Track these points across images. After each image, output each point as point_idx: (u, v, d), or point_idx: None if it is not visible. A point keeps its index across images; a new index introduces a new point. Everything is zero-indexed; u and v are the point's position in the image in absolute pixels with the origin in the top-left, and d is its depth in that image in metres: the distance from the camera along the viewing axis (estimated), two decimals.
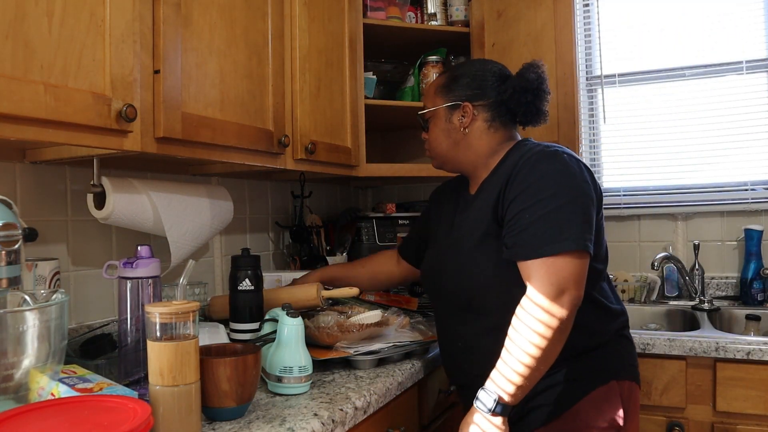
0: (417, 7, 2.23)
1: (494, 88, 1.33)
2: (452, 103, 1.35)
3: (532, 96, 1.30)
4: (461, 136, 1.35)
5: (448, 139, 1.37)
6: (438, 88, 1.39)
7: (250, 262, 1.43)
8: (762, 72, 2.19)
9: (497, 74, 1.35)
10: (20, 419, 0.77)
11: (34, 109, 0.91)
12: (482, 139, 1.34)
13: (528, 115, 1.33)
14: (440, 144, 1.38)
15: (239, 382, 1.00)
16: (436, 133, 1.38)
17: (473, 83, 1.34)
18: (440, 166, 1.42)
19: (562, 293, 1.09)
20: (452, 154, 1.37)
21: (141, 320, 1.10)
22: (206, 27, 1.28)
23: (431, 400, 1.55)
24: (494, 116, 1.33)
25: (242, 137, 1.37)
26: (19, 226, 0.94)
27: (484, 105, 1.33)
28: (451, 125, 1.36)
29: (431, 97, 1.40)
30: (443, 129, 1.37)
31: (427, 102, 1.41)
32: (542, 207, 1.13)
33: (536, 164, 1.19)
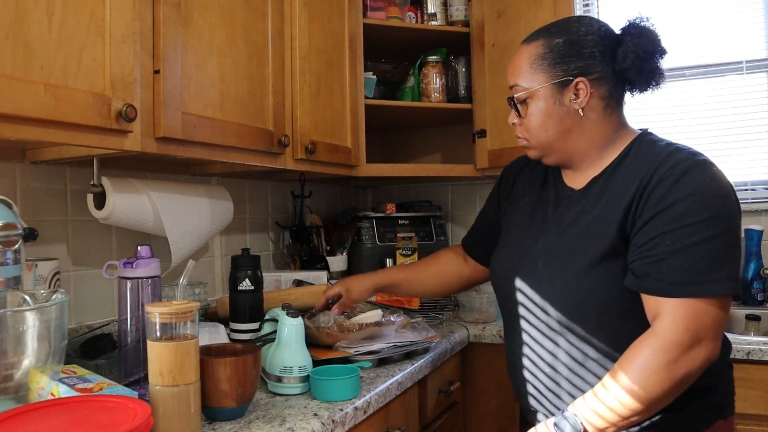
0: (417, 7, 2.23)
1: (608, 55, 1.07)
2: (562, 80, 1.08)
3: (658, 59, 1.07)
4: (575, 120, 1.09)
5: (558, 126, 1.10)
6: (535, 59, 1.10)
7: (250, 262, 1.43)
8: (762, 72, 2.19)
9: (606, 36, 1.09)
10: (20, 419, 0.77)
11: (34, 109, 0.91)
12: (599, 124, 1.09)
13: (648, 82, 1.09)
14: (546, 131, 1.11)
15: (239, 382, 1.00)
16: (541, 118, 1.10)
17: (584, 51, 1.07)
18: (541, 156, 1.16)
19: (698, 343, 0.92)
20: (561, 144, 1.11)
21: (141, 320, 1.10)
22: (206, 27, 1.28)
23: (431, 400, 1.55)
24: (611, 91, 1.09)
25: (242, 137, 1.37)
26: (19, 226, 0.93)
27: (599, 78, 1.07)
28: (562, 108, 1.09)
29: (526, 71, 1.11)
30: (551, 113, 1.09)
31: (520, 78, 1.12)
32: (691, 235, 0.93)
33: (684, 176, 0.96)
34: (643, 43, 1.05)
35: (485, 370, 1.85)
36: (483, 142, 2.12)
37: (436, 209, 2.46)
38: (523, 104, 1.13)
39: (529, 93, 1.11)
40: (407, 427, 1.38)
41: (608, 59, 1.08)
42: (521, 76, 1.12)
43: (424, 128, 2.63)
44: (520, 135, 1.17)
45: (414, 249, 2.20)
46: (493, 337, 1.81)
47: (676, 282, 0.93)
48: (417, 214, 2.33)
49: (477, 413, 1.86)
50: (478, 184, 2.51)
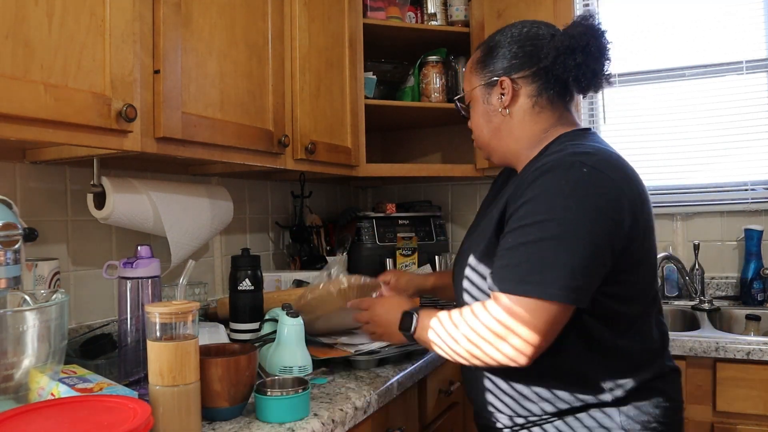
0: (417, 7, 2.23)
1: (536, 53, 1.08)
2: (489, 80, 1.12)
3: (583, 55, 1.02)
4: (502, 118, 1.11)
5: (489, 124, 1.14)
6: (473, 64, 1.16)
7: (250, 262, 1.43)
8: (762, 72, 2.19)
9: (541, 36, 1.09)
10: (20, 419, 0.77)
11: (34, 109, 0.91)
12: (525, 123, 1.10)
13: (583, 81, 1.05)
14: (481, 131, 1.16)
15: (231, 382, 1.00)
16: (476, 119, 1.16)
17: (511, 51, 1.10)
18: (488, 156, 1.20)
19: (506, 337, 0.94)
20: (496, 142, 1.14)
21: (141, 320, 1.10)
22: (206, 27, 1.28)
23: (431, 400, 1.55)
24: (540, 89, 1.08)
25: (242, 137, 1.37)
26: (19, 226, 0.93)
27: (525, 77, 1.08)
28: (490, 107, 1.12)
29: (467, 77, 1.18)
30: (482, 113, 1.14)
31: (465, 84, 1.19)
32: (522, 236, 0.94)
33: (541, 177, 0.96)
34: (565, 40, 1.03)
35: None
36: None
37: (436, 209, 2.46)
38: (466, 108, 1.20)
39: (468, 96, 1.18)
40: (407, 427, 1.38)
41: (536, 58, 1.08)
42: (465, 82, 1.20)
43: (424, 128, 2.63)
44: (473, 138, 1.21)
45: (414, 249, 2.20)
46: None
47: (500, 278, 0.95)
48: (417, 214, 2.33)
49: None
50: (478, 184, 2.51)
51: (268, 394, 1.01)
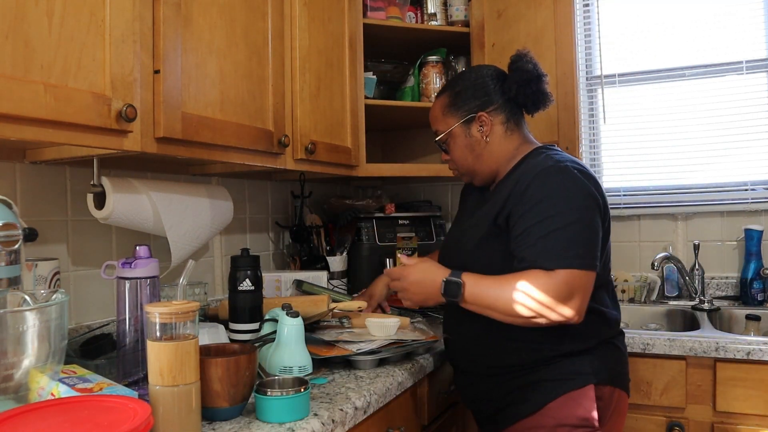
0: (417, 7, 2.23)
1: (498, 89, 1.36)
2: (466, 118, 1.36)
3: (536, 83, 1.34)
4: (483, 146, 1.36)
5: (472, 154, 1.38)
6: (444, 108, 1.39)
7: (249, 262, 1.43)
8: (762, 72, 2.19)
9: (494, 76, 1.38)
10: (20, 419, 0.77)
11: (34, 109, 0.91)
12: (501, 145, 1.36)
13: (536, 103, 1.37)
14: (466, 160, 1.39)
15: (231, 382, 1.00)
16: (460, 152, 1.39)
17: (478, 92, 1.36)
18: (471, 179, 1.44)
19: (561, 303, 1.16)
20: (480, 167, 1.39)
21: (140, 320, 1.10)
22: (206, 27, 1.28)
23: (431, 400, 1.55)
24: (508, 117, 1.37)
25: (242, 137, 1.37)
26: (19, 226, 0.93)
27: (495, 109, 1.36)
28: (472, 139, 1.37)
29: (441, 119, 1.40)
30: (465, 145, 1.38)
31: (439, 125, 1.41)
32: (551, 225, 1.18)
33: (546, 179, 1.22)
34: (522, 75, 1.34)
35: None
36: None
37: (436, 209, 2.46)
38: (445, 144, 1.41)
39: (447, 134, 1.40)
40: (407, 427, 1.38)
41: (499, 92, 1.36)
42: (438, 123, 1.42)
43: (424, 128, 2.62)
44: (450, 167, 1.45)
45: (414, 249, 2.20)
46: None
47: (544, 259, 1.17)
48: (417, 214, 2.33)
49: None
50: None
51: (268, 394, 1.01)
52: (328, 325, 1.55)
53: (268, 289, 1.80)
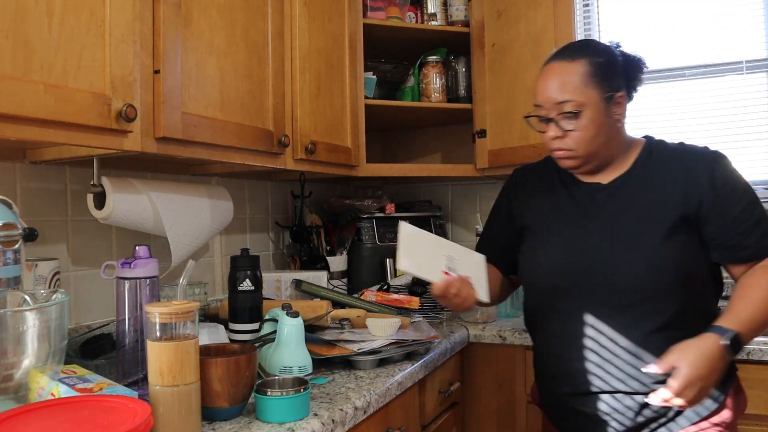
0: (417, 7, 2.23)
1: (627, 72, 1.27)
2: (608, 95, 1.21)
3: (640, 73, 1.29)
4: (615, 129, 1.24)
5: (606, 135, 1.22)
6: (587, 76, 1.21)
7: (249, 262, 1.43)
8: (762, 72, 2.19)
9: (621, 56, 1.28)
10: (20, 419, 0.77)
11: (34, 109, 0.91)
12: (623, 132, 1.27)
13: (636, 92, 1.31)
14: (594, 140, 1.22)
15: (231, 382, 1.00)
16: (591, 129, 1.21)
17: (617, 69, 1.24)
18: (580, 165, 1.26)
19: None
20: (603, 151, 1.24)
21: (139, 320, 1.10)
22: (206, 27, 1.28)
23: (431, 400, 1.55)
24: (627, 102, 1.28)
25: (242, 137, 1.37)
26: (19, 226, 0.93)
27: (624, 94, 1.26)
28: (609, 119, 1.22)
29: (578, 87, 1.20)
30: (600, 124, 1.21)
31: (574, 94, 1.20)
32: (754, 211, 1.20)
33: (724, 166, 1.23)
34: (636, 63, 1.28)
35: (485, 370, 1.85)
36: (483, 142, 2.12)
37: (436, 209, 2.46)
38: (573, 117, 1.21)
39: (585, 106, 1.20)
40: (407, 427, 1.38)
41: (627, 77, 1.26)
42: (574, 92, 1.20)
43: (424, 128, 2.63)
44: (563, 147, 1.23)
45: None
46: (493, 337, 1.81)
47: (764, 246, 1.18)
48: (417, 214, 2.33)
49: (477, 413, 1.86)
50: (478, 184, 2.51)
51: (268, 394, 1.02)
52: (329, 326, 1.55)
53: (268, 289, 1.80)
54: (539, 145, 1.92)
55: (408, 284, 2.09)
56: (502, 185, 1.53)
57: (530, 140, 1.96)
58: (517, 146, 2.00)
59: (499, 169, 2.11)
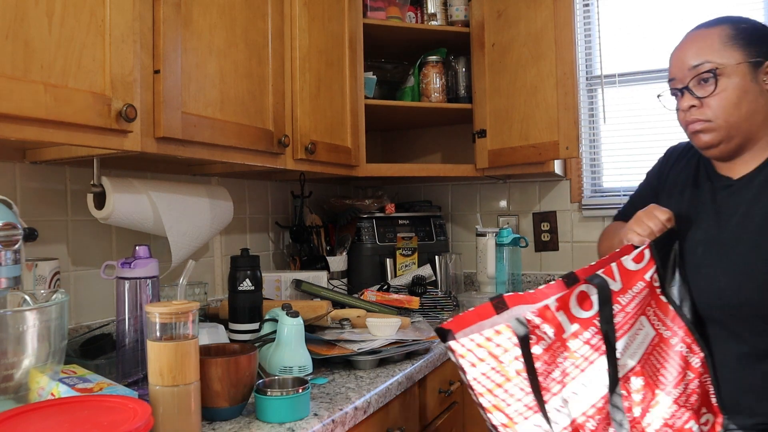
0: (417, 7, 2.23)
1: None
2: (757, 60, 1.08)
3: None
4: (764, 102, 1.08)
5: (751, 104, 1.08)
6: (727, 39, 1.10)
7: (249, 262, 1.43)
8: None
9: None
10: (20, 419, 0.77)
11: (34, 109, 0.91)
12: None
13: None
14: (739, 109, 1.08)
15: (231, 382, 1.00)
16: (737, 95, 1.07)
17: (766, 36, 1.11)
18: (720, 141, 1.11)
19: None
20: (746, 125, 1.09)
21: (139, 320, 1.10)
22: (206, 27, 1.28)
23: (431, 400, 1.55)
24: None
25: (242, 137, 1.37)
26: (19, 226, 0.93)
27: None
28: (757, 86, 1.08)
29: (719, 48, 1.10)
30: (747, 90, 1.07)
31: (709, 55, 1.10)
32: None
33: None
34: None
35: None
36: (483, 142, 2.13)
37: (436, 209, 2.46)
38: (710, 82, 1.09)
39: (725, 68, 1.08)
40: (407, 427, 1.38)
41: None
42: (712, 53, 1.09)
43: (424, 128, 2.63)
44: (699, 117, 1.11)
45: (414, 249, 2.20)
46: None
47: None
48: (417, 214, 2.33)
49: (477, 413, 1.86)
50: (478, 184, 2.51)
51: (268, 394, 1.02)
52: (329, 326, 1.55)
53: (268, 289, 1.80)
54: (539, 145, 1.92)
55: (408, 284, 2.09)
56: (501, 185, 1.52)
57: (530, 140, 1.96)
58: (517, 146, 2.01)
59: (499, 169, 2.12)
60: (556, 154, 1.89)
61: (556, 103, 1.89)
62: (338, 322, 1.55)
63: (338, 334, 1.46)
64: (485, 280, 2.15)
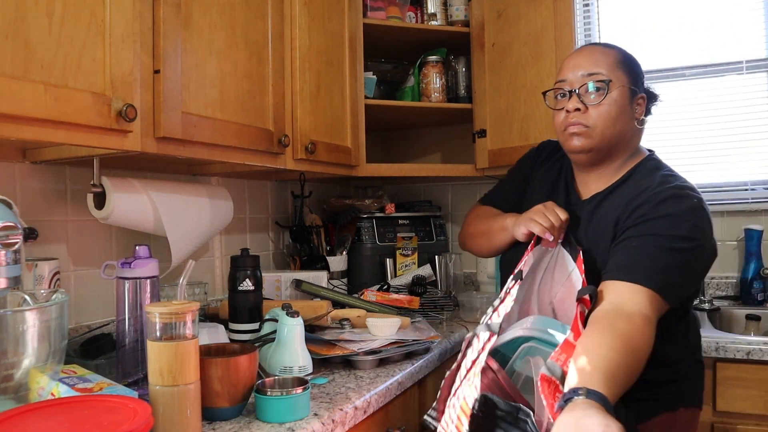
0: (417, 7, 2.23)
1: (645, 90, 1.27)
2: (634, 88, 1.22)
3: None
4: (632, 126, 1.22)
5: (624, 125, 1.21)
6: (619, 62, 1.22)
7: (249, 262, 1.43)
8: (762, 72, 2.19)
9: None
10: (20, 419, 0.77)
11: (34, 109, 0.91)
12: (636, 137, 1.26)
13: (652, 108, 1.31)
14: (615, 125, 1.20)
15: (231, 382, 1.00)
16: (617, 111, 1.19)
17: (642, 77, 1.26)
18: (590, 149, 1.22)
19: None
20: (615, 143, 1.21)
21: (139, 320, 1.10)
22: (206, 27, 1.28)
23: (431, 400, 1.55)
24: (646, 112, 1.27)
25: (242, 137, 1.37)
26: (19, 226, 0.93)
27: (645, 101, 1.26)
28: (630, 111, 1.21)
29: (612, 67, 1.21)
30: (624, 110, 1.20)
31: (603, 68, 1.20)
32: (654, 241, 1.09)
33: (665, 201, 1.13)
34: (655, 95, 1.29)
35: None
36: (483, 141, 2.13)
37: (436, 209, 2.46)
38: (601, 92, 1.19)
39: (613, 84, 1.19)
40: (407, 427, 1.38)
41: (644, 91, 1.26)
42: (608, 68, 1.20)
43: (424, 128, 2.63)
44: (581, 121, 1.20)
45: (414, 249, 2.20)
46: None
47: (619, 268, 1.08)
48: (417, 214, 2.33)
49: None
50: (478, 184, 2.51)
51: (268, 394, 1.01)
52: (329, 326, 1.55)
53: (268, 289, 1.80)
54: None
55: (408, 284, 2.09)
56: None
57: (530, 140, 1.95)
58: (517, 146, 2.00)
59: (499, 169, 2.11)
60: None
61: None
62: (338, 322, 1.55)
63: (338, 334, 1.45)
64: (485, 280, 2.15)
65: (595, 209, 1.23)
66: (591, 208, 1.24)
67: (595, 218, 1.22)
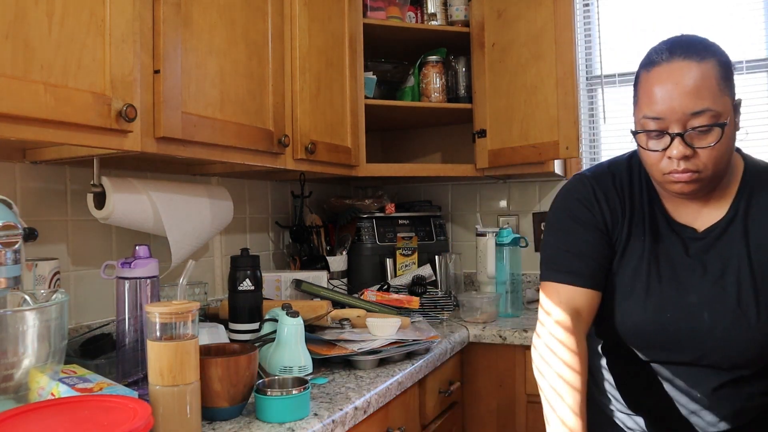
0: (417, 7, 2.23)
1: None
2: (735, 102, 0.99)
3: None
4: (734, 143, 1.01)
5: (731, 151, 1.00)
6: (721, 80, 0.95)
7: (249, 262, 1.43)
8: (762, 72, 2.19)
9: None
10: (20, 419, 0.77)
11: (34, 109, 0.91)
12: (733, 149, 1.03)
13: None
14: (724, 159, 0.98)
15: (231, 382, 1.00)
16: (728, 145, 0.98)
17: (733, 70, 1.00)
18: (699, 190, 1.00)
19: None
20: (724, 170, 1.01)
21: (139, 320, 1.10)
22: (206, 27, 1.28)
23: (431, 400, 1.55)
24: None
25: (242, 137, 1.37)
26: (19, 226, 0.93)
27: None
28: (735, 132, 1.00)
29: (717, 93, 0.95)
30: (731, 138, 0.98)
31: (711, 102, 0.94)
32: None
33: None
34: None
35: (485, 370, 1.85)
36: (483, 141, 2.13)
37: (436, 209, 2.46)
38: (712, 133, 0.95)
39: (722, 117, 0.95)
40: (407, 427, 1.38)
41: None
42: (713, 100, 0.94)
43: (424, 128, 2.63)
44: (690, 168, 0.97)
45: (414, 249, 2.20)
46: (492, 337, 1.81)
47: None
48: (417, 214, 2.33)
49: (477, 413, 1.86)
50: (478, 184, 2.51)
51: (268, 394, 1.02)
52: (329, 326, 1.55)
53: (268, 289, 1.80)
54: (539, 145, 1.92)
55: (408, 284, 2.09)
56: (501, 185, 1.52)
57: (530, 140, 1.96)
58: (517, 146, 2.01)
59: (499, 169, 2.12)
60: (556, 154, 1.89)
61: (556, 103, 1.89)
62: (338, 322, 1.55)
63: (338, 334, 1.45)
64: (485, 280, 2.15)
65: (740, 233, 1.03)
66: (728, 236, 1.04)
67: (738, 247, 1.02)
